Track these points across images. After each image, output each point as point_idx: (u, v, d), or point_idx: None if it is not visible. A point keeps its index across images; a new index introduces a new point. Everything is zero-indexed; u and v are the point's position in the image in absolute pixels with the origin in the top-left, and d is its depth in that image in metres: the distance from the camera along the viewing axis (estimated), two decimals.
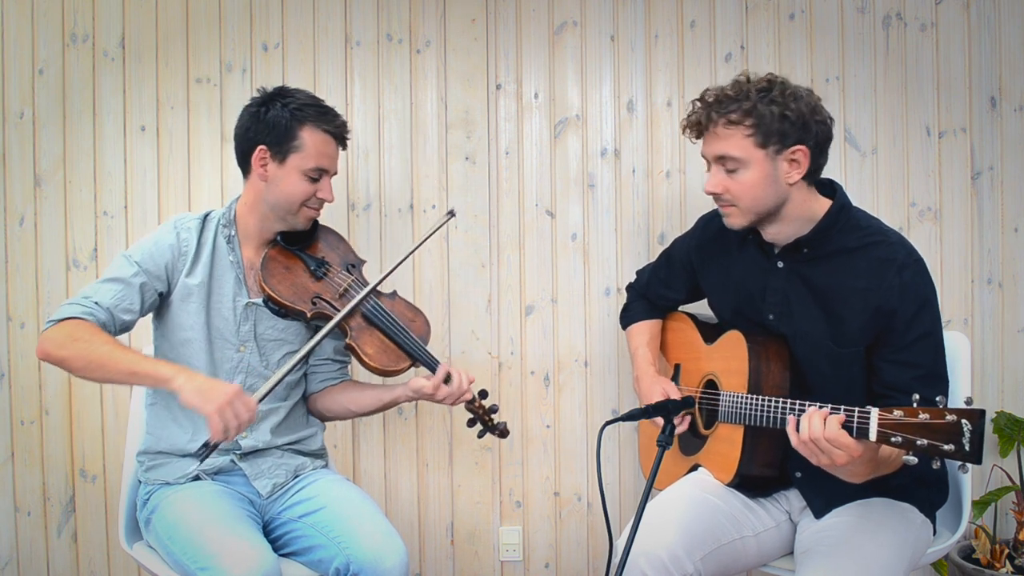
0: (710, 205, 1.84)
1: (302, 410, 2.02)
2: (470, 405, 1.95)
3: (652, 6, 2.50)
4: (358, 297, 1.87)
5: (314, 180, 1.86)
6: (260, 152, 1.85)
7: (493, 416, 1.99)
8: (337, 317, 1.84)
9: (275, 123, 1.83)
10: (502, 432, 2.00)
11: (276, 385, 1.77)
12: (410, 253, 2.05)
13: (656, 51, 2.50)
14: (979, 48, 2.50)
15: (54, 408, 2.44)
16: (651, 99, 2.50)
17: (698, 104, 1.71)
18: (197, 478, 1.85)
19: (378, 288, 1.94)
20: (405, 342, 1.91)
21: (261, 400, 1.72)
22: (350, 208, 2.47)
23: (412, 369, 1.94)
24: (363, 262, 2.04)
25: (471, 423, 2.00)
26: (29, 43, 2.43)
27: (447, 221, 2.08)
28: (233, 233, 1.92)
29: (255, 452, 1.90)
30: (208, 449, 1.67)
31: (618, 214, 2.51)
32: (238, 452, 1.88)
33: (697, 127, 1.72)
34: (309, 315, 1.88)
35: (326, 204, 1.94)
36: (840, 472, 1.48)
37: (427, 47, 2.49)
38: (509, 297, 2.50)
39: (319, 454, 2.02)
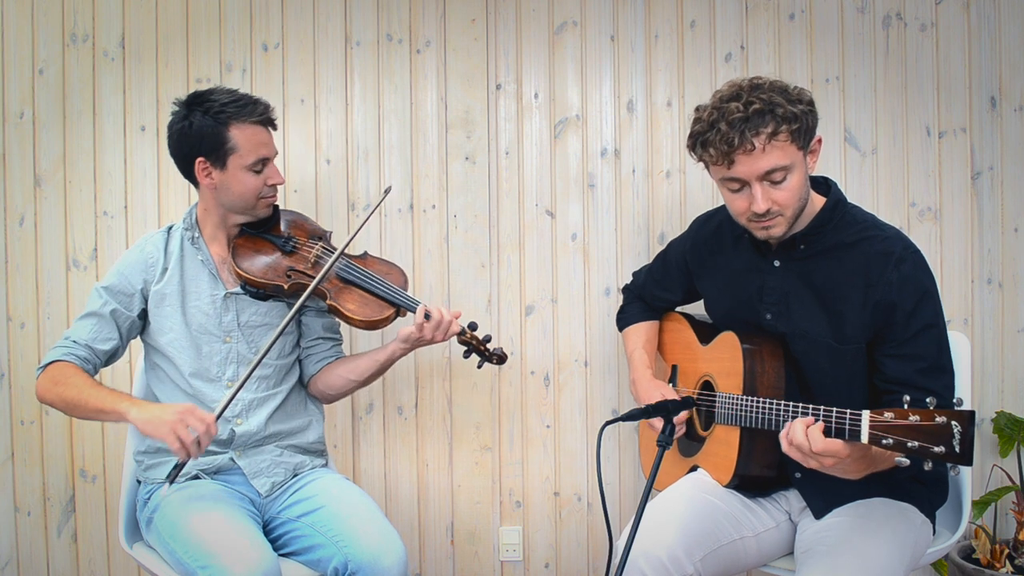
0: (709, 205, 1.84)
1: (299, 398, 2.03)
2: (462, 337, 1.96)
3: (652, 6, 2.50)
4: (331, 259, 1.90)
5: (260, 171, 1.89)
6: (200, 164, 1.88)
7: (488, 345, 2.00)
8: (316, 280, 1.87)
9: (202, 133, 1.85)
10: (500, 358, 2.00)
11: (236, 393, 1.76)
12: (378, 205, 2.10)
13: (656, 51, 2.50)
14: (979, 48, 2.50)
15: (54, 408, 2.43)
16: (651, 99, 2.50)
17: (724, 128, 1.56)
18: (196, 477, 1.86)
19: (349, 251, 1.99)
20: (384, 291, 1.94)
21: (219, 415, 1.73)
22: (350, 208, 2.47)
23: (400, 320, 1.97)
24: (329, 232, 2.09)
25: (467, 355, 2.00)
26: (29, 43, 2.43)
27: (384, 199, 2.13)
28: (197, 235, 1.96)
29: (253, 447, 1.90)
30: (175, 469, 1.71)
31: (618, 214, 2.51)
32: (234, 446, 1.88)
33: (730, 154, 1.57)
34: (287, 287, 1.91)
35: (326, 203, 1.95)
36: (833, 472, 1.48)
37: (427, 47, 2.49)
38: (509, 297, 2.50)
39: (318, 451, 2.02)
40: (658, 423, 1.62)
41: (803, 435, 1.42)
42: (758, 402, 1.66)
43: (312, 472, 1.94)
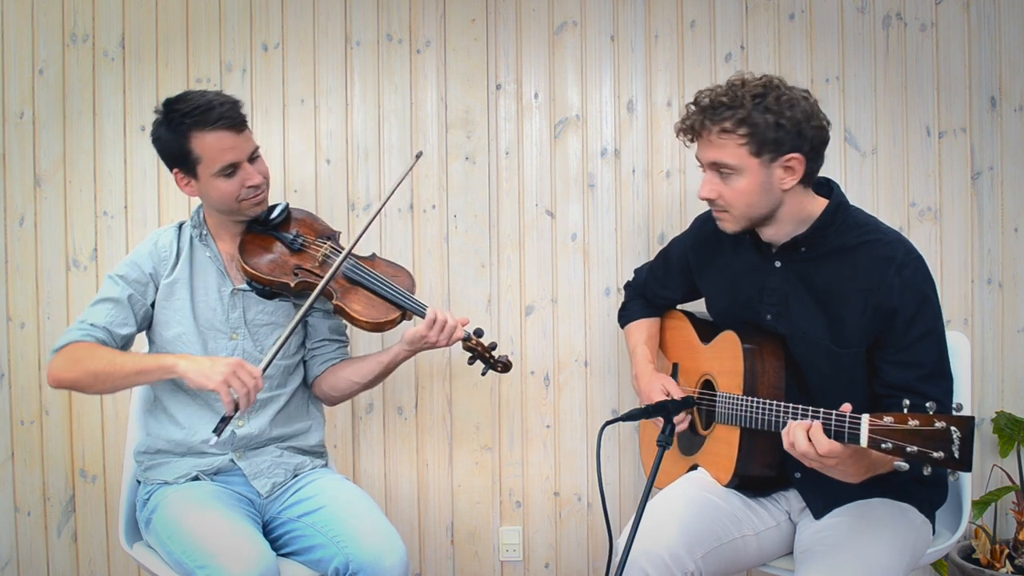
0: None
1: (302, 400, 2.02)
2: (467, 343, 1.96)
3: (652, 6, 2.50)
4: (339, 258, 1.90)
5: (231, 176, 1.85)
6: (177, 176, 1.88)
7: (493, 352, 1.99)
8: (324, 279, 1.86)
9: (168, 147, 1.85)
10: (504, 366, 2.00)
11: (277, 352, 1.79)
12: (383, 203, 2.06)
13: (656, 51, 2.50)
14: (979, 48, 2.50)
15: (54, 408, 2.44)
16: (651, 99, 2.50)
17: (692, 108, 1.68)
18: (196, 478, 1.86)
19: (357, 252, 1.98)
20: (390, 294, 1.94)
21: (265, 368, 1.76)
22: (350, 208, 2.47)
23: (406, 323, 1.96)
24: (338, 232, 2.08)
25: (471, 361, 2.00)
26: (29, 43, 2.43)
27: (415, 163, 2.11)
28: (205, 232, 1.96)
29: (254, 448, 1.90)
30: (223, 422, 1.70)
31: (618, 214, 2.51)
32: (235, 448, 1.88)
33: (691, 132, 1.70)
34: (293, 286, 1.90)
35: (326, 204, 1.95)
36: (834, 474, 1.48)
37: (427, 47, 2.49)
38: (509, 297, 2.50)
39: (319, 452, 2.02)
40: (659, 421, 1.62)
41: (805, 441, 1.42)
42: (758, 403, 1.66)
43: (312, 472, 1.94)
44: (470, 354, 1.98)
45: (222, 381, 1.67)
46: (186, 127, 1.80)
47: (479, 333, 1.98)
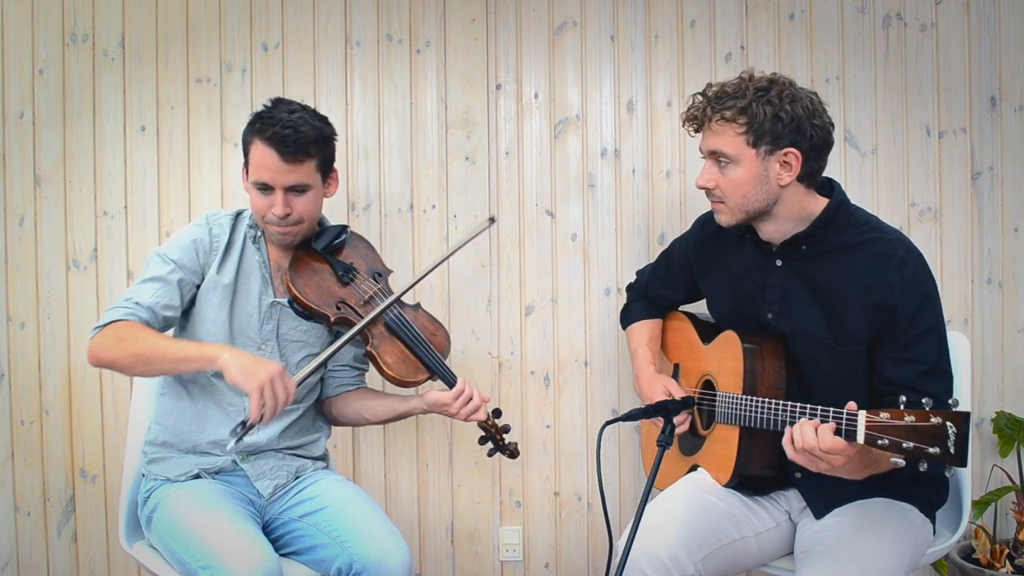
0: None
1: (312, 414, 2.01)
2: (483, 423, 1.95)
3: (652, 6, 2.50)
4: (382, 306, 1.86)
5: (263, 194, 1.83)
6: (243, 170, 1.88)
7: (505, 436, 1.99)
8: (361, 323, 1.83)
9: (243, 139, 1.86)
10: (512, 453, 2.00)
11: (313, 371, 1.78)
12: (443, 260, 2.04)
13: (656, 51, 2.50)
14: (979, 48, 2.50)
15: (54, 408, 2.44)
16: (651, 99, 2.50)
17: (699, 98, 1.73)
18: (197, 476, 1.85)
19: (403, 299, 1.94)
20: (425, 355, 1.91)
21: (300, 384, 1.74)
22: (350, 208, 2.47)
23: (428, 382, 1.94)
24: (390, 272, 2.04)
25: (482, 441, 1.99)
26: (29, 43, 2.43)
27: (487, 227, 2.06)
28: (260, 234, 1.93)
29: (258, 453, 1.90)
30: (244, 428, 1.66)
31: (618, 214, 2.51)
32: (238, 452, 1.88)
33: (695, 121, 1.73)
34: (332, 319, 1.87)
35: (326, 204, 1.94)
36: (840, 472, 1.48)
37: (427, 47, 2.49)
38: (509, 297, 2.50)
39: (321, 457, 2.02)
40: (659, 421, 1.62)
41: (813, 436, 1.42)
42: (758, 402, 1.66)
43: (314, 473, 1.94)
44: (483, 433, 1.98)
45: (257, 386, 1.62)
46: (254, 129, 1.82)
47: (497, 414, 1.98)
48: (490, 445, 1.99)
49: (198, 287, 1.87)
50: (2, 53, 2.42)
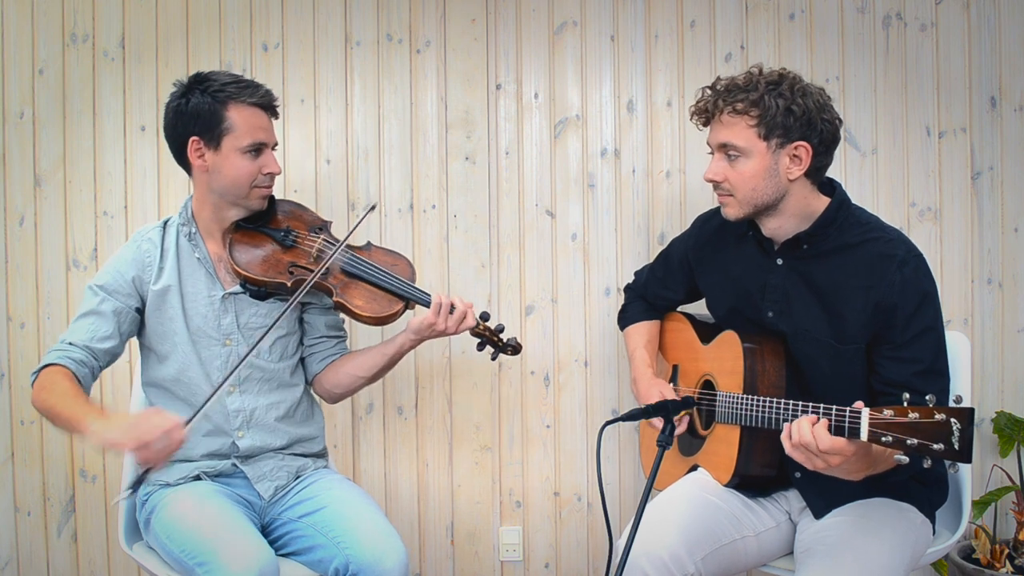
0: (709, 205, 1.85)
1: (306, 405, 2.00)
2: (475, 330, 1.91)
3: (652, 6, 2.50)
4: (332, 252, 1.85)
5: (255, 156, 1.83)
6: (193, 144, 1.82)
7: (501, 335, 1.96)
8: (314, 273, 1.81)
9: (199, 111, 1.80)
10: (514, 348, 1.97)
11: (207, 402, 1.73)
12: (366, 213, 2.04)
13: (656, 51, 2.50)
14: (979, 48, 2.50)
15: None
16: (651, 99, 2.50)
17: (707, 91, 1.72)
18: (197, 478, 1.85)
19: (352, 243, 1.93)
20: (392, 284, 1.89)
21: (188, 423, 1.64)
22: (350, 208, 2.47)
23: (408, 312, 1.93)
24: (329, 222, 2.02)
25: (480, 347, 1.96)
26: (29, 43, 2.43)
27: (368, 214, 2.08)
28: (194, 230, 1.89)
29: (256, 456, 1.89)
30: (138, 478, 1.64)
31: (618, 214, 2.51)
32: (236, 456, 1.88)
33: (704, 114, 1.73)
34: (290, 285, 1.85)
35: (326, 204, 1.93)
36: (836, 472, 1.48)
37: (427, 47, 2.49)
38: (509, 297, 2.50)
39: (320, 455, 2.02)
40: (658, 422, 1.62)
41: (810, 433, 1.42)
42: (758, 401, 1.66)
43: (314, 473, 1.94)
44: (478, 340, 1.95)
45: (135, 442, 1.54)
46: (226, 95, 1.79)
47: (485, 317, 1.94)
48: (490, 349, 1.96)
49: (140, 309, 1.84)
50: (2, 53, 2.43)
